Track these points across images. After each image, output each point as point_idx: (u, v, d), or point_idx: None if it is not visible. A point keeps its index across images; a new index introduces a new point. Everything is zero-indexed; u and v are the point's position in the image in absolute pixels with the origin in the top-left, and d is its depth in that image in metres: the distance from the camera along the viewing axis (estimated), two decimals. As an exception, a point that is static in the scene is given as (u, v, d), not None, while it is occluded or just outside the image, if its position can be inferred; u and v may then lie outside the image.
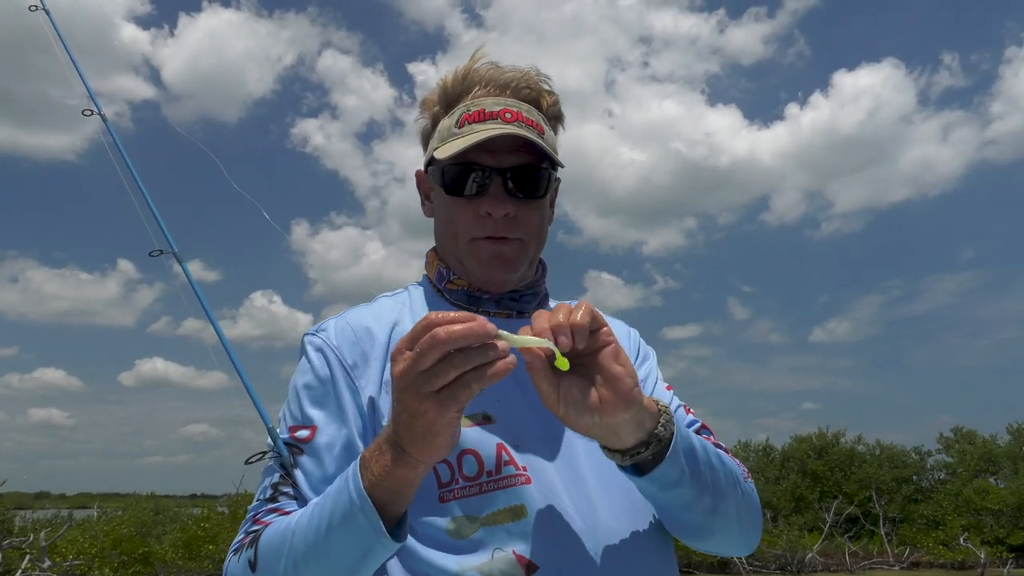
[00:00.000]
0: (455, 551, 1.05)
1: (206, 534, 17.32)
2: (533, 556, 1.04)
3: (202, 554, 16.94)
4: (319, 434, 1.13)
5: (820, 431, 27.35)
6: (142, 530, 18.93)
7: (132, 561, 16.32)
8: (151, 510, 22.51)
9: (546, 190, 1.22)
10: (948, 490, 25.16)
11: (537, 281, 1.30)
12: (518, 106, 1.21)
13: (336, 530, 0.94)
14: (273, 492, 1.11)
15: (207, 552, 16.90)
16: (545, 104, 1.26)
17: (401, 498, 0.95)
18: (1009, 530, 22.94)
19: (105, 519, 20.11)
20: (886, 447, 26.99)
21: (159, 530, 20.10)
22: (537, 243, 1.25)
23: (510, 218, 1.18)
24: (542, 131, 1.20)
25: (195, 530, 17.63)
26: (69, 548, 16.11)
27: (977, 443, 26.85)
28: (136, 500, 24.82)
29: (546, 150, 1.17)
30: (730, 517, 1.12)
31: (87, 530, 18.05)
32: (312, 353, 1.19)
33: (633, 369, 0.97)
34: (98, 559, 15.96)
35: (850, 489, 24.99)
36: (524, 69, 1.26)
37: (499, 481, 1.08)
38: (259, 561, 1.01)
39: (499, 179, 1.18)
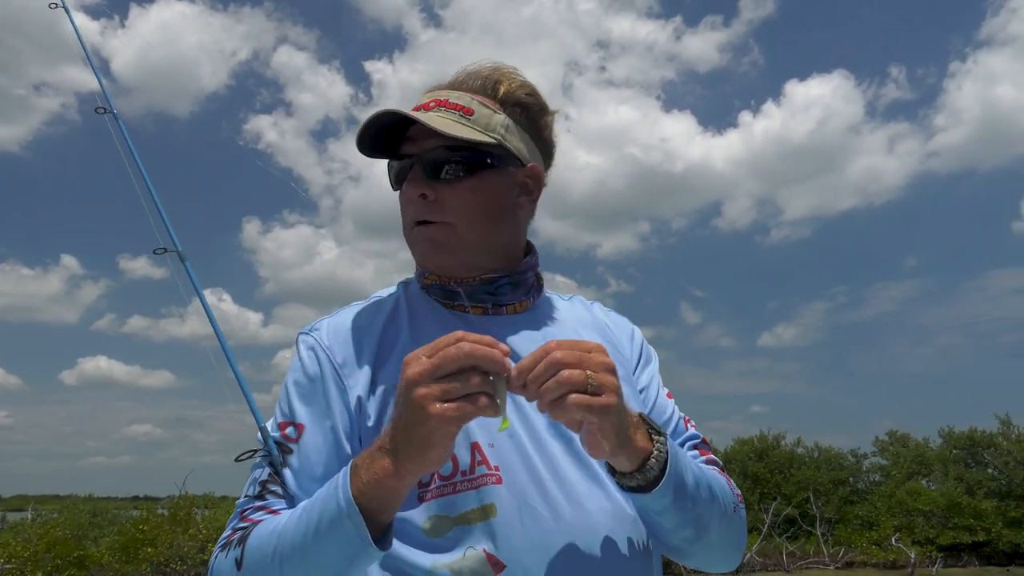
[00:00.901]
0: (430, 549, 1.07)
1: (144, 536, 17.03)
2: (501, 554, 1.06)
3: (140, 557, 16.64)
4: (307, 433, 1.14)
5: (762, 434, 27.90)
6: (78, 533, 18.54)
7: (67, 564, 15.97)
8: (88, 512, 22.04)
9: (470, 170, 1.20)
10: (882, 492, 25.85)
11: (520, 269, 1.28)
12: (448, 94, 1.22)
13: (323, 535, 0.95)
14: (261, 489, 1.12)
15: (145, 555, 16.62)
16: (503, 89, 1.24)
17: (388, 507, 0.97)
18: (939, 530, 23.69)
19: (40, 521, 19.64)
20: (824, 450, 27.63)
21: (96, 533, 19.69)
22: (471, 225, 1.21)
23: (431, 201, 1.20)
24: (469, 112, 1.20)
25: (133, 532, 17.32)
26: (0, 552, 15.73)
27: (911, 446, 27.65)
28: (73, 502, 24.27)
29: (440, 130, 1.16)
30: (711, 545, 1.14)
31: (20, 533, 17.61)
32: (304, 352, 1.21)
33: (607, 436, 0.96)
34: (31, 563, 15.58)
35: (789, 491, 25.53)
36: (487, 62, 1.28)
37: (472, 480, 1.10)
38: (245, 560, 1.02)
39: (418, 165, 1.20)
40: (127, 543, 16.99)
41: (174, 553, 16.98)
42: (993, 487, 24.68)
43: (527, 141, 1.27)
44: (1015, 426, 25.93)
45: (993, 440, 25.91)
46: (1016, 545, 23.46)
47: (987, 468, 25.62)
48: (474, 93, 1.23)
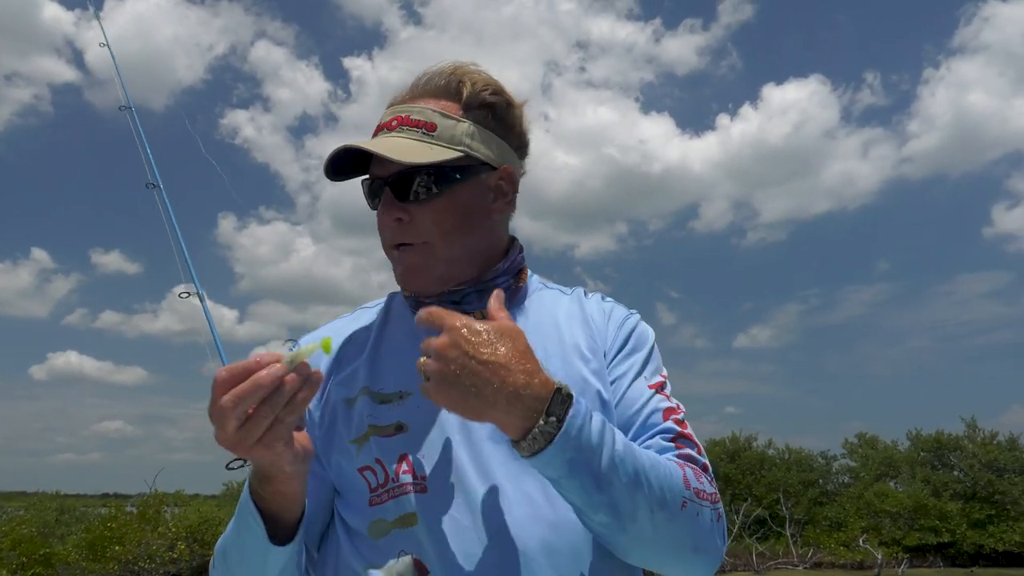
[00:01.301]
0: (371, 552, 1.13)
1: (112, 534, 16.84)
2: (425, 559, 1.10)
3: (107, 555, 16.45)
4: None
5: (733, 435, 28.21)
6: (44, 530, 18.28)
7: (32, 563, 15.73)
8: (55, 510, 21.74)
9: (437, 189, 1.19)
10: (851, 493, 26.24)
11: (488, 277, 1.26)
12: (409, 109, 1.22)
13: (244, 532, 1.08)
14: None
15: (113, 553, 16.43)
16: (466, 92, 1.22)
17: (284, 507, 1.06)
18: (905, 532, 24.09)
19: (5, 519, 19.33)
20: (794, 451, 27.97)
21: (63, 530, 19.44)
22: (447, 241, 1.21)
23: (406, 223, 1.20)
24: (432, 127, 1.20)
25: (101, 530, 17.12)
26: (-36, 549, 15.49)
27: (879, 448, 28.05)
28: (40, 499, 23.92)
29: (392, 159, 1.16)
30: (645, 540, 1.05)
31: (-15, 530, 17.35)
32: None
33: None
34: (-5, 560, 15.38)
35: (759, 492, 25.84)
36: (447, 62, 1.26)
37: (396, 489, 1.14)
38: (215, 557, 1.16)
39: (388, 188, 1.20)
40: (94, 541, 16.77)
41: (142, 551, 16.82)
42: (958, 489, 25.12)
43: (496, 142, 1.25)
44: (980, 429, 26.47)
45: (959, 443, 26.38)
46: (980, 546, 23.90)
47: (953, 470, 26.08)
48: (436, 99, 1.23)
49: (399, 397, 1.19)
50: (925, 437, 27.12)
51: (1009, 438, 25.97)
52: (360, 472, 1.16)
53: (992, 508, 24.36)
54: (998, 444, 25.83)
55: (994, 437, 26.15)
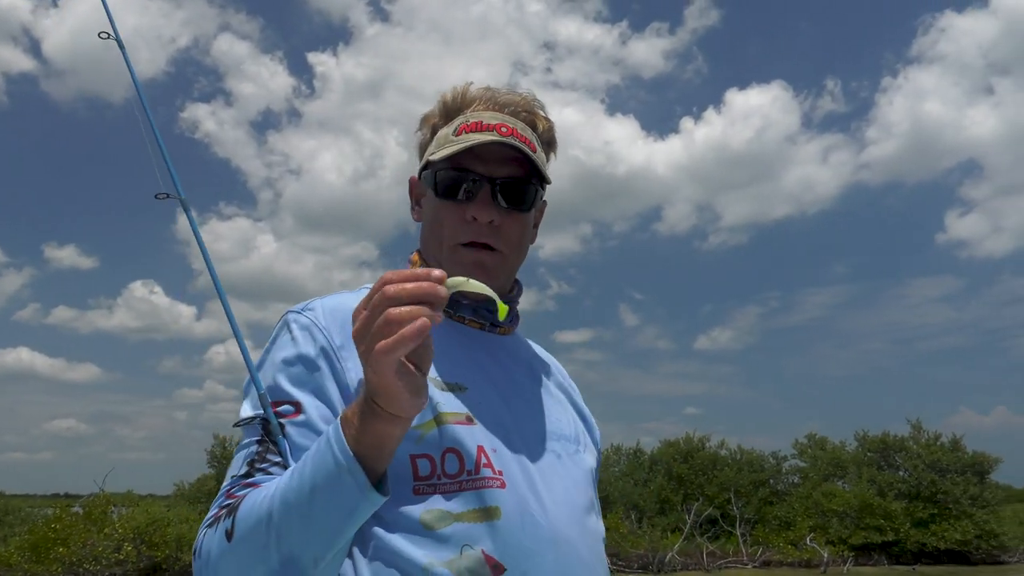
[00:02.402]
0: (424, 544, 1.06)
1: (56, 535, 16.59)
2: (502, 558, 1.06)
3: (51, 557, 16.21)
4: (305, 411, 1.11)
5: (687, 435, 28.55)
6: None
7: (-28, 564, 15.49)
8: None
9: (532, 204, 1.27)
10: (800, 493, 26.70)
11: (512, 298, 1.33)
12: (514, 123, 1.25)
13: (320, 491, 0.94)
14: (249, 469, 1.09)
15: (56, 555, 16.19)
16: (541, 127, 1.31)
17: (383, 454, 0.96)
18: (851, 530, 24.60)
19: (-54, 520, 18.97)
20: (746, 452, 28.42)
21: (6, 531, 19.11)
22: (517, 257, 1.29)
23: (494, 226, 1.22)
24: (535, 148, 1.25)
25: (44, 531, 16.86)
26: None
27: (828, 449, 28.60)
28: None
29: (537, 164, 1.22)
30: None
31: (-77, 532, 17.00)
32: (298, 331, 1.17)
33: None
34: (-67, 562, 15.08)
35: (711, 491, 26.18)
36: (522, 94, 1.32)
37: (476, 481, 1.09)
38: (236, 530, 0.99)
39: (488, 186, 1.22)
40: (37, 542, 16.52)
41: (87, 553, 16.59)
42: (903, 489, 25.74)
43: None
44: (925, 431, 27.12)
45: (904, 444, 27.02)
46: (922, 545, 24.53)
47: (898, 471, 26.71)
48: (521, 122, 1.28)
49: (458, 388, 1.17)
50: (872, 438, 27.72)
51: (952, 439, 26.69)
52: (412, 459, 1.09)
53: (935, 507, 25.00)
54: (941, 445, 26.50)
55: (937, 438, 26.84)
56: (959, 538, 24.21)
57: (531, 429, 1.22)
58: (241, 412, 1.16)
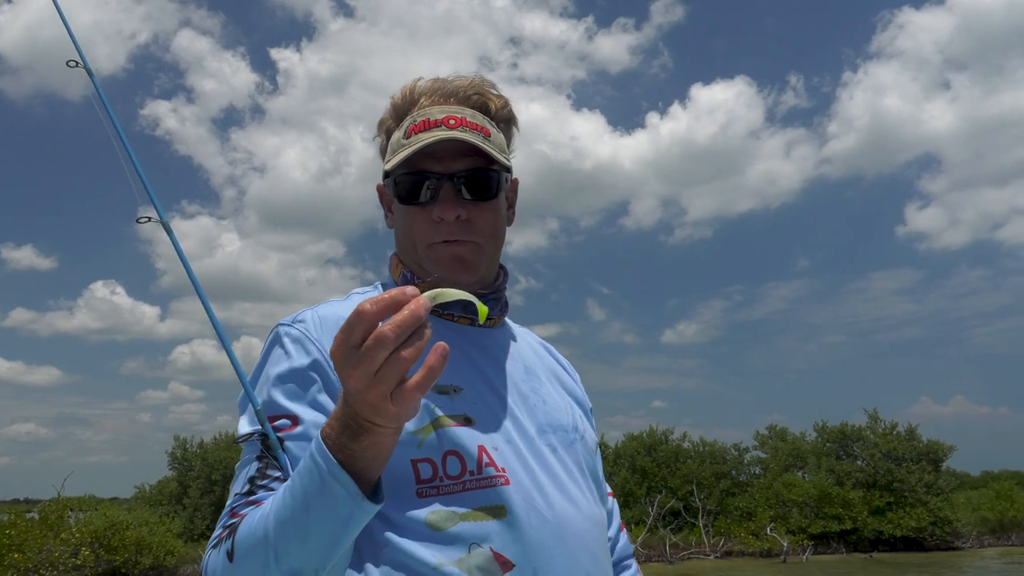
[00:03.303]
0: (433, 544, 1.06)
1: (11, 542, 16.34)
2: (511, 554, 1.07)
3: (5, 563, 15.96)
4: (302, 424, 1.11)
5: (651, 429, 28.84)
6: (-61, 539, 17.59)
7: (-77, 573, 15.21)
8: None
9: (496, 191, 1.24)
10: (761, 484, 27.18)
11: (499, 285, 1.32)
12: (462, 112, 1.23)
13: (313, 504, 0.93)
14: (250, 486, 1.09)
15: (11, 561, 15.95)
16: (494, 108, 1.28)
17: (376, 461, 0.94)
18: (811, 520, 25.12)
19: None
20: (708, 444, 28.80)
21: (-40, 538, 18.73)
22: (494, 244, 1.27)
23: (463, 221, 1.21)
24: (488, 133, 1.23)
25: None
26: None
27: (788, 440, 29.11)
28: (-63, 506, 22.99)
29: (489, 152, 1.20)
30: None
31: None
32: (290, 344, 1.17)
33: None
34: None
35: (675, 484, 26.51)
36: (469, 77, 1.30)
37: (481, 480, 1.10)
38: (236, 550, 0.99)
39: (449, 184, 1.21)
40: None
41: (44, 559, 16.38)
42: (860, 478, 26.29)
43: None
44: (882, 420, 27.72)
45: (862, 434, 27.59)
46: (879, 532, 25.10)
47: (856, 460, 27.27)
48: (471, 108, 1.27)
49: (454, 391, 1.17)
50: (831, 428, 28.26)
51: (908, 428, 27.31)
52: (413, 463, 1.10)
53: (891, 495, 25.62)
54: (897, 435, 27.12)
55: (894, 428, 27.45)
56: (914, 525, 24.85)
57: (529, 423, 1.22)
58: (239, 428, 1.16)
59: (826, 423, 28.57)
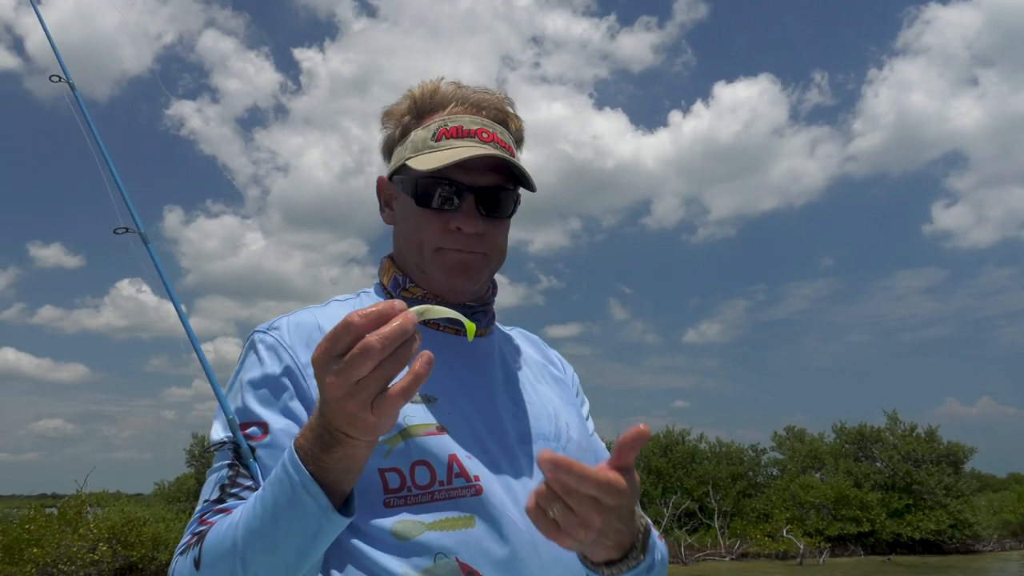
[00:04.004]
0: (398, 553, 1.06)
1: (30, 536, 16.61)
2: (477, 565, 1.06)
3: (24, 558, 16.23)
4: (272, 432, 1.11)
5: (668, 429, 28.72)
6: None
7: (-56, 566, 15.50)
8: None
9: (513, 211, 1.26)
10: (778, 485, 26.96)
11: (488, 299, 1.32)
12: (493, 127, 1.24)
13: (283, 516, 0.92)
14: (221, 493, 1.09)
15: (30, 555, 16.21)
16: (513, 127, 1.30)
17: (348, 474, 0.93)
18: (828, 522, 24.86)
19: (-79, 522, 18.93)
20: (725, 445, 28.63)
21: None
22: (499, 260, 1.28)
23: (479, 235, 1.22)
24: (514, 153, 1.25)
25: (18, 532, 16.87)
26: None
27: (806, 441, 28.84)
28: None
29: (524, 173, 1.21)
30: None
31: None
32: (264, 351, 1.17)
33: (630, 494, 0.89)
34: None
35: (690, 484, 26.35)
36: (494, 92, 1.30)
37: (450, 491, 1.10)
38: (203, 558, 0.98)
39: (471, 197, 1.21)
40: (10, 543, 16.50)
41: (62, 554, 16.63)
42: (879, 480, 26.02)
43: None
44: (901, 422, 27.39)
45: (880, 435, 27.28)
46: (897, 535, 24.80)
47: (875, 462, 26.98)
48: (499, 124, 1.28)
49: (428, 400, 1.16)
50: (849, 430, 27.97)
51: (928, 430, 26.95)
52: (381, 472, 1.10)
53: (910, 498, 25.30)
54: (917, 436, 26.78)
55: (913, 429, 27.11)
56: (933, 528, 24.51)
57: (508, 433, 1.20)
58: (212, 435, 1.16)
59: (844, 424, 28.31)
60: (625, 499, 0.88)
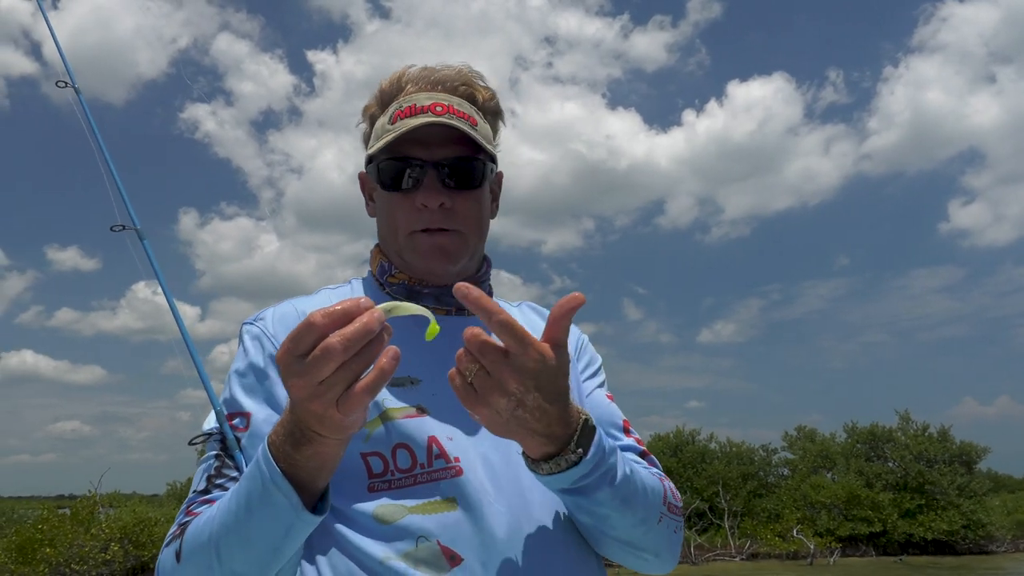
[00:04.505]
0: (380, 537, 1.06)
1: (43, 536, 16.85)
2: (458, 548, 1.05)
3: (37, 558, 16.47)
4: (254, 421, 1.13)
5: (678, 429, 28.68)
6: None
7: (-41, 566, 15.73)
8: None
9: (481, 180, 1.23)
10: (788, 485, 26.83)
11: (481, 276, 1.30)
12: (449, 99, 1.22)
13: (255, 511, 0.94)
14: (207, 484, 1.11)
15: (43, 555, 16.44)
16: (481, 98, 1.27)
17: (322, 472, 0.94)
18: (839, 522, 24.72)
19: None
20: (735, 445, 28.53)
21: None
22: (477, 234, 1.25)
23: (446, 209, 1.19)
24: (475, 122, 1.21)
25: (31, 532, 17.11)
26: None
27: (817, 441, 28.69)
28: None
29: (476, 139, 1.18)
30: (621, 542, 1.12)
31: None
32: (249, 342, 1.20)
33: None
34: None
35: (700, 484, 26.28)
36: (457, 67, 1.28)
37: (431, 473, 1.09)
38: (183, 551, 1.01)
39: (433, 171, 1.19)
40: (24, 543, 16.76)
41: (74, 554, 16.85)
42: (890, 480, 25.84)
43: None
44: (913, 421, 27.19)
45: (892, 435, 27.09)
46: (909, 535, 24.61)
47: (887, 462, 26.78)
48: (458, 97, 1.25)
49: (411, 382, 1.16)
50: (860, 429, 27.82)
51: (941, 430, 26.74)
52: (363, 457, 1.10)
53: (922, 498, 25.12)
54: (929, 436, 26.59)
55: (925, 429, 26.92)
56: (946, 528, 24.32)
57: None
58: (204, 426, 1.19)
59: (856, 423, 28.16)
60: (546, 371, 0.88)
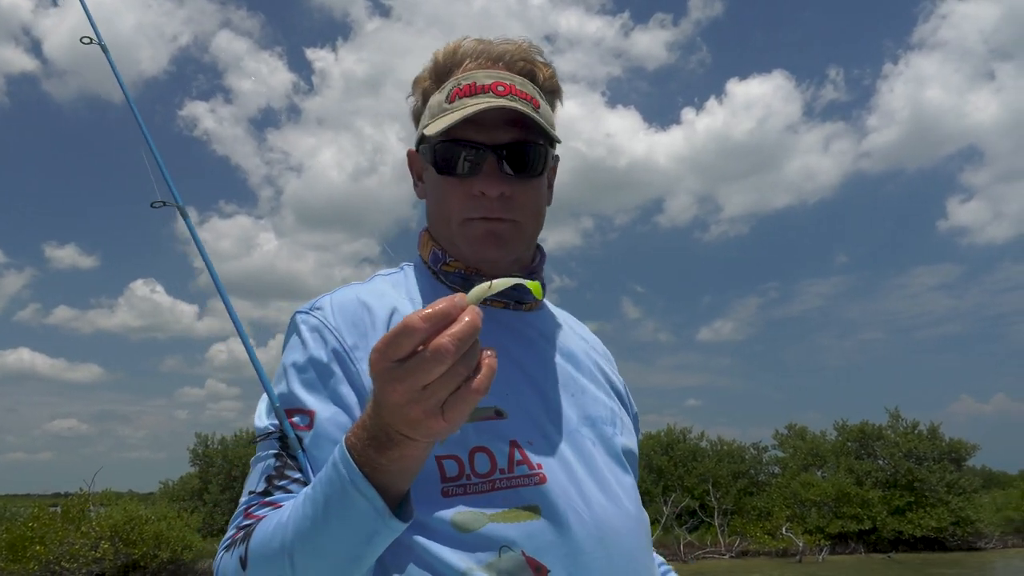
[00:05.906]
0: (460, 546, 0.99)
1: (34, 534, 16.95)
2: (544, 558, 1.00)
3: (27, 555, 16.56)
4: (319, 420, 1.04)
5: (669, 428, 28.79)
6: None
7: (-51, 564, 15.84)
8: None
9: (543, 168, 1.16)
10: (779, 483, 26.92)
11: (535, 267, 1.24)
12: (511, 79, 1.14)
13: (334, 517, 0.86)
14: (267, 485, 1.03)
15: (33, 553, 16.54)
16: (541, 77, 1.20)
17: (405, 475, 0.86)
18: (828, 519, 24.84)
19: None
20: (726, 443, 28.64)
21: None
22: (534, 224, 1.19)
23: (505, 198, 1.13)
24: (537, 105, 1.14)
25: (22, 530, 17.21)
26: None
27: (807, 439, 28.78)
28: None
29: (542, 124, 1.11)
30: None
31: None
32: (307, 333, 1.10)
33: None
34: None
35: (691, 483, 26.40)
36: (517, 41, 1.20)
37: (512, 480, 1.03)
38: (251, 557, 0.92)
39: (493, 157, 1.11)
40: (14, 541, 16.86)
41: (65, 551, 16.95)
42: (880, 477, 25.93)
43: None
44: (903, 419, 27.29)
45: (882, 433, 27.20)
46: (899, 532, 24.72)
47: (876, 459, 26.88)
48: (524, 76, 1.18)
49: None
50: (850, 427, 27.90)
51: (930, 427, 26.86)
52: (438, 460, 1.02)
53: (911, 495, 25.21)
54: (919, 433, 26.69)
55: (915, 427, 27.02)
56: (935, 525, 24.42)
57: (567, 416, 1.13)
58: (256, 422, 1.10)
59: (846, 421, 28.26)
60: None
